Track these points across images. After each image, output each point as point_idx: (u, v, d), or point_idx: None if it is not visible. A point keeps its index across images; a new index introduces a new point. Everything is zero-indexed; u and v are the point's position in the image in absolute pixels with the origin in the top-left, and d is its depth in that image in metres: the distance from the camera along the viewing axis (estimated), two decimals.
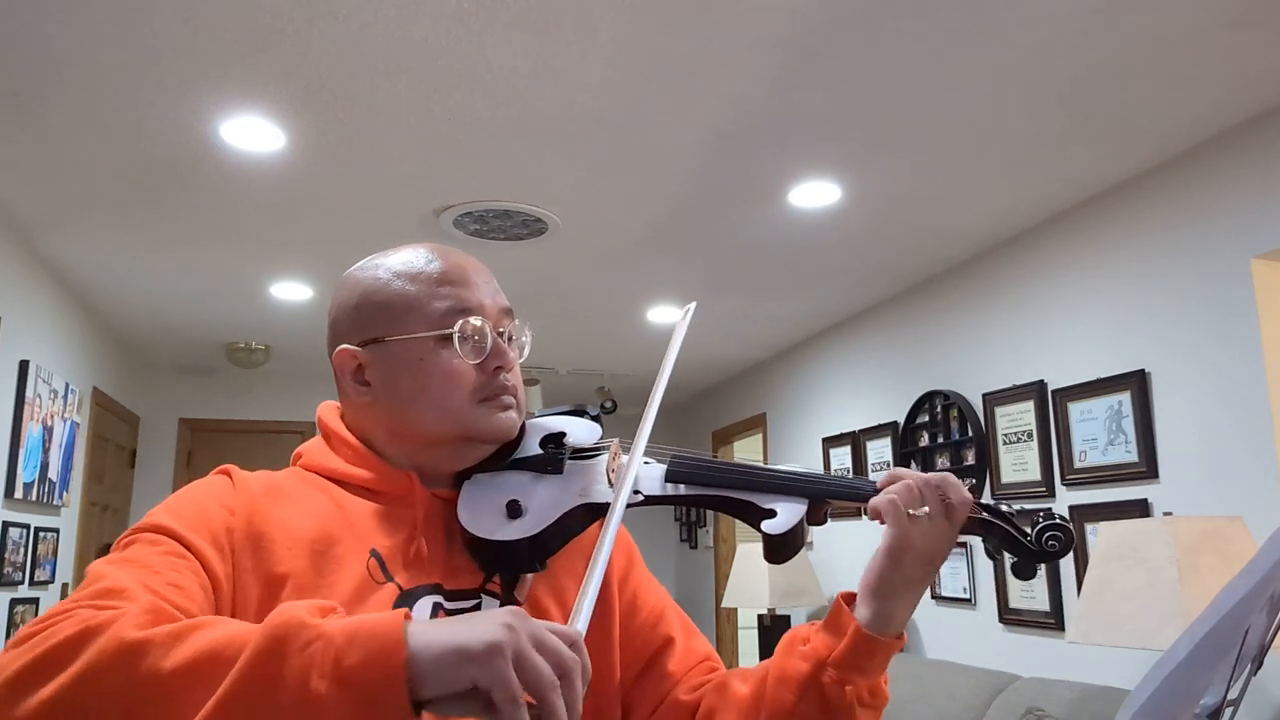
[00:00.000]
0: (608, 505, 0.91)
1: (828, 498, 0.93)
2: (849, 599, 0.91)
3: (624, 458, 0.95)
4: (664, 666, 1.01)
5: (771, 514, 0.91)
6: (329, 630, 0.65)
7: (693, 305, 1.07)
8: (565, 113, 2.59)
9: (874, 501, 0.90)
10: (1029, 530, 0.91)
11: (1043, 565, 0.92)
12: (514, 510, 0.92)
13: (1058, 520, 0.90)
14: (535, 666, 0.64)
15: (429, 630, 0.65)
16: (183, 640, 0.66)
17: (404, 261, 0.99)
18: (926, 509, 0.87)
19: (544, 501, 0.93)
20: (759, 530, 0.91)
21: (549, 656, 0.65)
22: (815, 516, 0.92)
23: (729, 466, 0.96)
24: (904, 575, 0.88)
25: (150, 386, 6.10)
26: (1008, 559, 0.92)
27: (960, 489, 0.89)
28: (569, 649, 0.66)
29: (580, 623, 0.73)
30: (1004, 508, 0.93)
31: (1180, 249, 2.84)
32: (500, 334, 0.99)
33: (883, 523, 0.90)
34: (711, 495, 0.95)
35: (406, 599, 0.88)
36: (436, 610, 0.89)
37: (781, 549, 0.91)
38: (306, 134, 2.71)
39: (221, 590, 0.83)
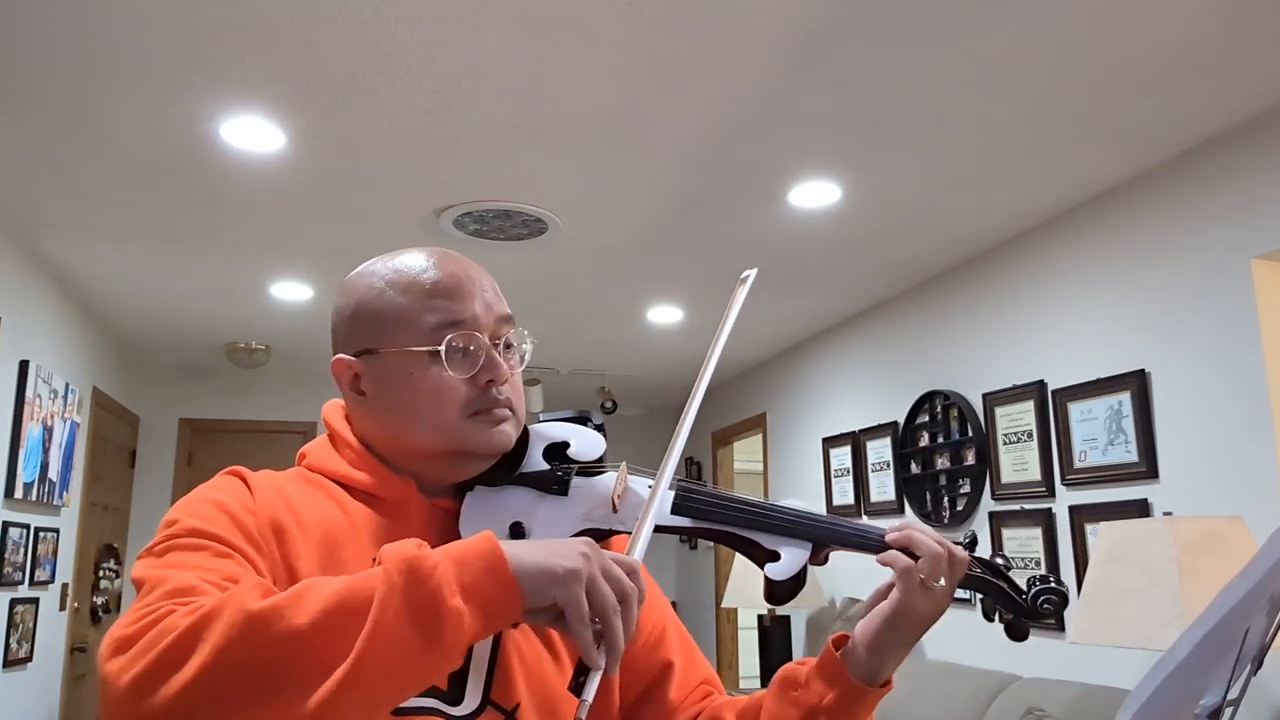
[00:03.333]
0: (610, 531, 0.93)
1: (833, 544, 0.94)
2: (839, 643, 0.93)
3: (630, 480, 0.96)
4: (664, 693, 1.02)
5: (775, 557, 0.92)
6: (440, 556, 0.73)
7: (753, 272, 1.05)
8: (565, 113, 2.59)
9: (895, 559, 0.90)
10: (1024, 590, 0.93)
11: (1034, 625, 0.94)
12: (518, 533, 0.93)
13: (1054, 584, 0.92)
14: (603, 594, 0.75)
15: (521, 552, 0.75)
16: (304, 599, 0.70)
17: (399, 270, 0.98)
18: (942, 582, 0.89)
19: (548, 525, 0.94)
20: (762, 571, 0.92)
21: (614, 585, 0.76)
22: (816, 559, 0.94)
23: (735, 503, 0.96)
24: (901, 637, 0.90)
25: (150, 386, 6.10)
26: (1002, 618, 0.95)
27: (956, 549, 0.91)
28: (629, 578, 0.77)
29: (637, 553, 0.83)
30: (999, 561, 0.95)
31: (1180, 249, 2.84)
32: (497, 342, 0.97)
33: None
34: (717, 530, 0.95)
35: None
36: None
37: (783, 593, 0.92)
38: (306, 134, 2.71)
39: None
